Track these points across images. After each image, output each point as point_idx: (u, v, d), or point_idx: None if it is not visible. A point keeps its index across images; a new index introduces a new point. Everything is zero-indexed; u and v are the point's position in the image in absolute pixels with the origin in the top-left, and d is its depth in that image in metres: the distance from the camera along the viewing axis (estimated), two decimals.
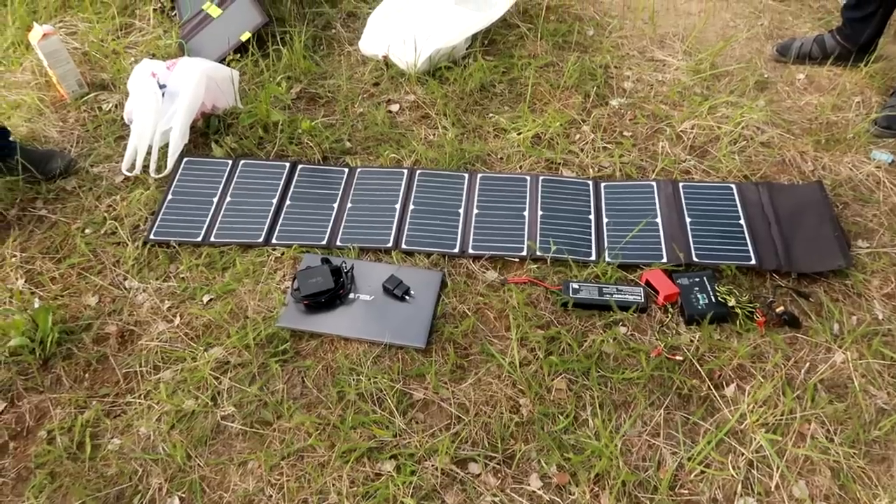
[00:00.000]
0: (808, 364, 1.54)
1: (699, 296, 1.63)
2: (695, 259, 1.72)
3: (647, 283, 1.68)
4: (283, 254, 1.78)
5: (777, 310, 1.62)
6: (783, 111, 2.14)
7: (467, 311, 1.65)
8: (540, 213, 1.84)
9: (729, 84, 2.23)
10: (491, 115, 2.14)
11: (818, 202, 1.82)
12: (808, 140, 2.04)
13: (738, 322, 1.60)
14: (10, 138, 2.00)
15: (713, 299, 1.62)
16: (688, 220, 1.81)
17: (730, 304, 1.61)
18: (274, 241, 1.81)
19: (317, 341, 1.60)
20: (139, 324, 1.67)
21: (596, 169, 1.98)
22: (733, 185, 1.89)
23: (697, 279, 1.66)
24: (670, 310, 1.64)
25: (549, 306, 1.65)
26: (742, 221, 1.80)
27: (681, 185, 1.90)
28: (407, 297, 1.65)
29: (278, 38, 2.33)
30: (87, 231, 1.88)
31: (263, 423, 1.47)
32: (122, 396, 1.53)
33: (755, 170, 1.96)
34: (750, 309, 1.61)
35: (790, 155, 2.00)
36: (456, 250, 1.77)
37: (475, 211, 1.85)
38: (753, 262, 1.71)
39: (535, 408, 1.47)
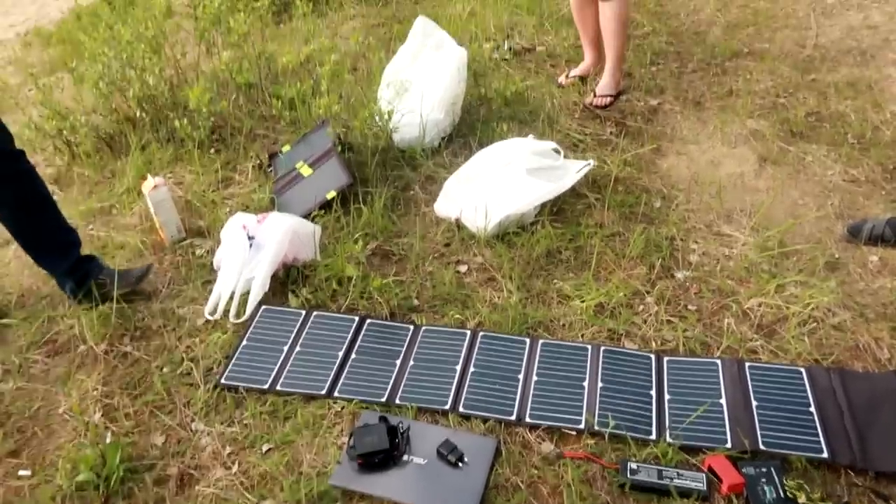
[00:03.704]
0: None
1: (766, 488, 1.55)
2: (761, 447, 1.65)
3: (710, 470, 1.61)
4: (343, 408, 1.83)
5: None
6: (855, 293, 2.10)
7: (520, 484, 1.62)
8: (600, 384, 1.83)
9: (798, 263, 2.22)
10: (556, 281, 2.20)
11: None
12: (883, 325, 1.98)
13: None
14: (99, 262, 2.23)
15: (782, 494, 1.53)
16: (754, 403, 1.76)
17: (800, 500, 1.52)
18: (336, 393, 1.86)
19: (366, 502, 1.60)
20: (199, 468, 1.72)
21: (659, 342, 1.98)
22: (803, 370, 1.84)
23: (765, 469, 1.59)
24: (734, 501, 1.56)
25: (605, 486, 1.60)
26: (812, 409, 1.73)
27: (747, 365, 1.86)
28: (460, 464, 1.64)
29: (360, 197, 2.52)
30: (164, 370, 2.00)
31: None
32: None
33: (826, 354, 1.91)
34: None
35: (864, 340, 1.94)
36: (513, 418, 1.76)
37: (534, 378, 1.86)
38: (825, 455, 1.62)
39: None
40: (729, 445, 1.66)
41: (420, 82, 2.80)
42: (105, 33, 3.27)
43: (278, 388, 1.89)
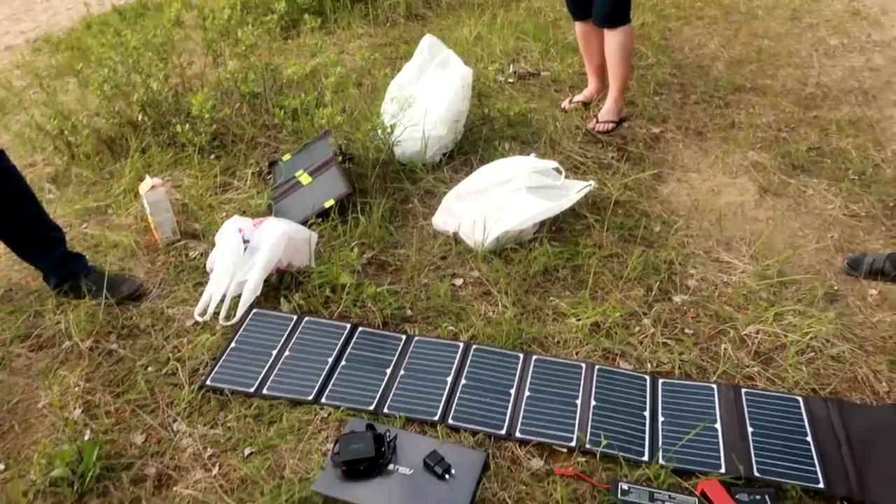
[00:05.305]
0: None
1: None
2: (756, 474, 1.61)
3: (703, 494, 1.57)
4: (329, 415, 1.78)
5: None
6: (854, 326, 2.08)
7: (507, 500, 1.57)
8: (593, 403, 1.80)
9: (797, 293, 2.20)
10: (552, 298, 2.17)
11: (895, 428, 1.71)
12: (881, 359, 1.95)
13: None
14: (85, 262, 2.23)
15: None
16: (749, 429, 1.72)
17: None
18: (324, 400, 1.82)
19: None
20: (178, 469, 1.67)
21: (654, 364, 1.95)
22: (800, 398, 1.81)
23: (759, 497, 1.54)
24: None
25: None
26: (809, 438, 1.70)
27: (743, 391, 1.83)
28: (447, 476, 1.59)
29: (359, 208, 2.50)
30: (149, 369, 1.95)
31: None
32: None
33: (824, 384, 1.88)
34: None
35: (862, 372, 1.91)
36: (503, 432, 1.72)
37: (527, 393, 1.83)
38: (821, 485, 1.58)
39: None
40: (723, 470, 1.62)
41: (424, 98, 2.81)
42: (113, 39, 3.29)
43: (265, 391, 1.85)
